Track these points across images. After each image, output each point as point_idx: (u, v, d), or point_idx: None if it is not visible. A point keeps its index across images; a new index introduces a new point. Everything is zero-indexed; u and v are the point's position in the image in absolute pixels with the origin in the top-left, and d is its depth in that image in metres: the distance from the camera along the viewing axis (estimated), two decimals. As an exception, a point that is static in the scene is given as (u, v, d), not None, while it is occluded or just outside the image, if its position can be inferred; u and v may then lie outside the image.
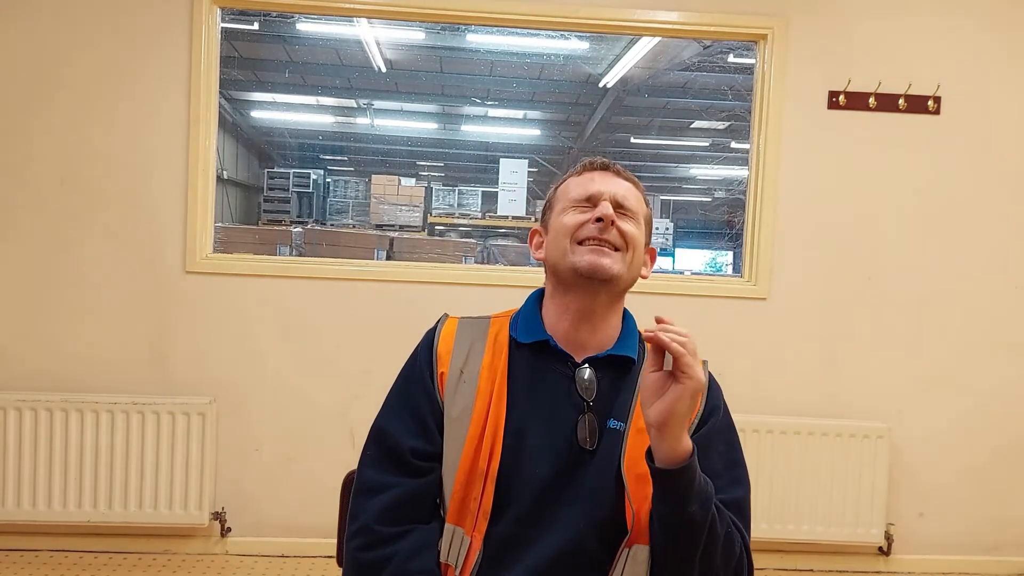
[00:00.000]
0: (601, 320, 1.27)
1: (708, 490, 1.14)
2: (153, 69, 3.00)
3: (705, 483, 1.14)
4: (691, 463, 1.11)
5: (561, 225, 1.28)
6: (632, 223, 1.28)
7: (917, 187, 3.16)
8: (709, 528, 1.14)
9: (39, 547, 3.02)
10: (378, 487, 1.23)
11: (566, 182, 1.35)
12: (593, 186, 1.29)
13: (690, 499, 1.11)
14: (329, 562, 2.98)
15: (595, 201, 1.27)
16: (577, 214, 1.27)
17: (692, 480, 1.11)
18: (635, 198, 1.31)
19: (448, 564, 1.20)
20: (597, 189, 1.28)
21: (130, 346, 3.05)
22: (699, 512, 1.12)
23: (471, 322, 1.33)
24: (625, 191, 1.30)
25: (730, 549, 1.18)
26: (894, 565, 3.21)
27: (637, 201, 1.31)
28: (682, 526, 1.13)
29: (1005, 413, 3.21)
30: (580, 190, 1.30)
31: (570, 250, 1.25)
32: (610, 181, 1.31)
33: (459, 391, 1.24)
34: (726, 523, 1.18)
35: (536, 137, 8.91)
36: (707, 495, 1.14)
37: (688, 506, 1.11)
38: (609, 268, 1.23)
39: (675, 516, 1.13)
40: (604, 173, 1.32)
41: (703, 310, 3.15)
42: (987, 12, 3.13)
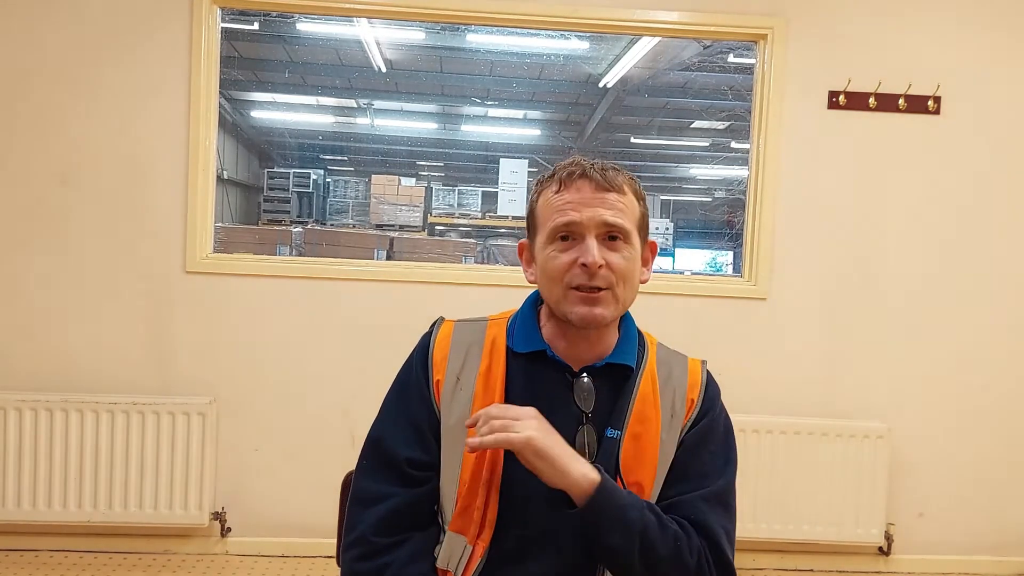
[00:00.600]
0: (598, 338, 1.25)
1: (628, 517, 1.12)
2: (153, 69, 3.00)
3: (628, 510, 1.13)
4: (593, 499, 1.11)
5: (547, 266, 1.20)
6: (623, 247, 1.20)
7: (917, 187, 3.16)
8: (642, 553, 1.12)
9: (39, 547, 3.02)
10: (374, 497, 1.22)
11: (546, 197, 1.23)
12: (573, 213, 1.18)
13: (605, 531, 1.12)
14: (329, 562, 2.98)
15: (577, 232, 1.18)
16: (559, 253, 1.19)
17: (599, 513, 1.11)
18: (625, 210, 1.21)
19: (447, 571, 1.20)
20: (578, 218, 1.18)
21: (130, 346, 3.05)
22: (621, 543, 1.12)
23: (467, 325, 1.30)
24: (611, 210, 1.19)
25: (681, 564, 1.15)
26: (894, 565, 3.21)
27: (629, 212, 1.21)
28: (607, 557, 1.15)
29: (1005, 413, 3.21)
30: (559, 217, 1.19)
31: (561, 297, 1.19)
32: (591, 200, 1.19)
33: (456, 399, 1.23)
34: (671, 539, 1.15)
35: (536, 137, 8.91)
36: (626, 523, 1.12)
37: (606, 538, 1.12)
38: (602, 317, 1.19)
39: (598, 548, 1.14)
40: (583, 186, 1.20)
41: (703, 310, 3.15)
42: (987, 12, 3.13)
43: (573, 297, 1.19)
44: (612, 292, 1.19)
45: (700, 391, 1.27)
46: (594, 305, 1.18)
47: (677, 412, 1.25)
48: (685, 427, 1.25)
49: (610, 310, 1.20)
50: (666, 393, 1.25)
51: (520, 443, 1.10)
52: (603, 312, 1.19)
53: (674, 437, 1.24)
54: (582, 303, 1.18)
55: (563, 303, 1.20)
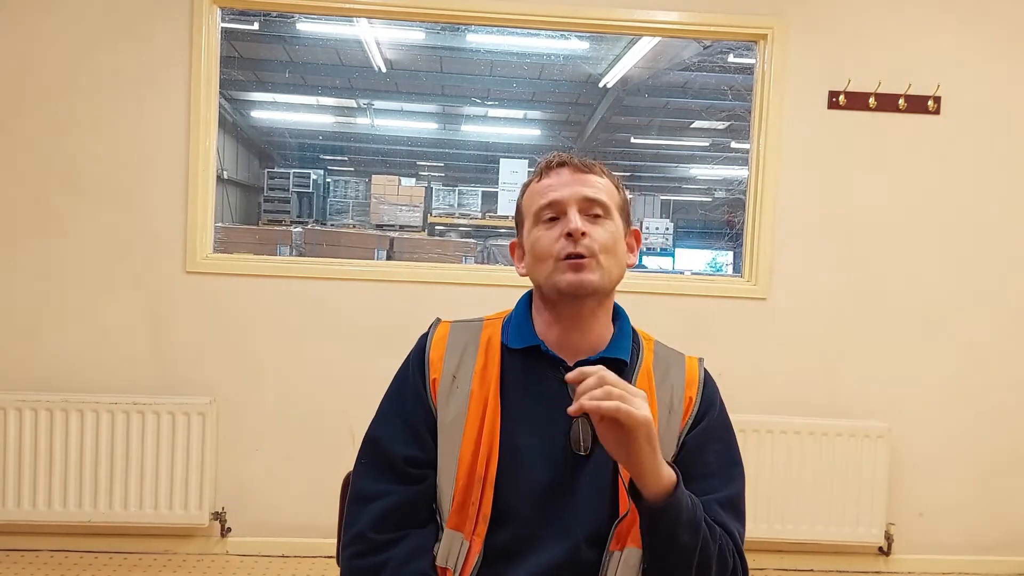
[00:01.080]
0: (590, 324, 1.26)
1: (696, 516, 1.14)
2: (153, 69, 3.00)
3: (694, 509, 1.14)
4: (676, 496, 1.11)
5: (534, 246, 1.25)
6: (605, 222, 1.24)
7: (917, 187, 3.16)
8: (701, 550, 1.14)
9: (39, 547, 3.02)
10: (372, 495, 1.23)
11: (529, 190, 1.30)
12: (553, 192, 1.24)
13: (679, 529, 1.11)
14: (329, 562, 2.98)
15: (559, 210, 1.23)
16: (545, 231, 1.23)
17: (679, 512, 1.11)
18: (604, 189, 1.26)
19: (446, 568, 1.20)
20: (558, 195, 1.24)
21: (130, 346, 3.05)
22: (689, 540, 1.12)
23: (463, 326, 1.31)
24: (590, 188, 1.25)
25: (723, 561, 1.18)
26: (894, 565, 3.21)
27: (608, 192, 1.26)
28: (673, 555, 1.14)
29: (1005, 413, 3.21)
30: (542, 199, 1.25)
31: (550, 270, 1.22)
32: (571, 181, 1.25)
33: (452, 397, 1.24)
34: (718, 537, 1.17)
35: (536, 137, 8.91)
36: (695, 522, 1.13)
37: (679, 537, 1.12)
38: (590, 282, 1.21)
39: (666, 546, 1.13)
40: (562, 171, 1.26)
41: (703, 310, 3.15)
42: (987, 12, 3.13)
43: (562, 267, 1.21)
44: (596, 260, 1.22)
45: (698, 389, 1.28)
46: (580, 271, 1.20)
47: (675, 409, 1.25)
48: (685, 426, 1.25)
49: (596, 276, 1.21)
50: (663, 390, 1.26)
51: (642, 420, 1.06)
52: (590, 277, 1.21)
53: (673, 435, 1.24)
54: (570, 270, 1.20)
55: (553, 275, 1.22)
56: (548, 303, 1.26)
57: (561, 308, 1.25)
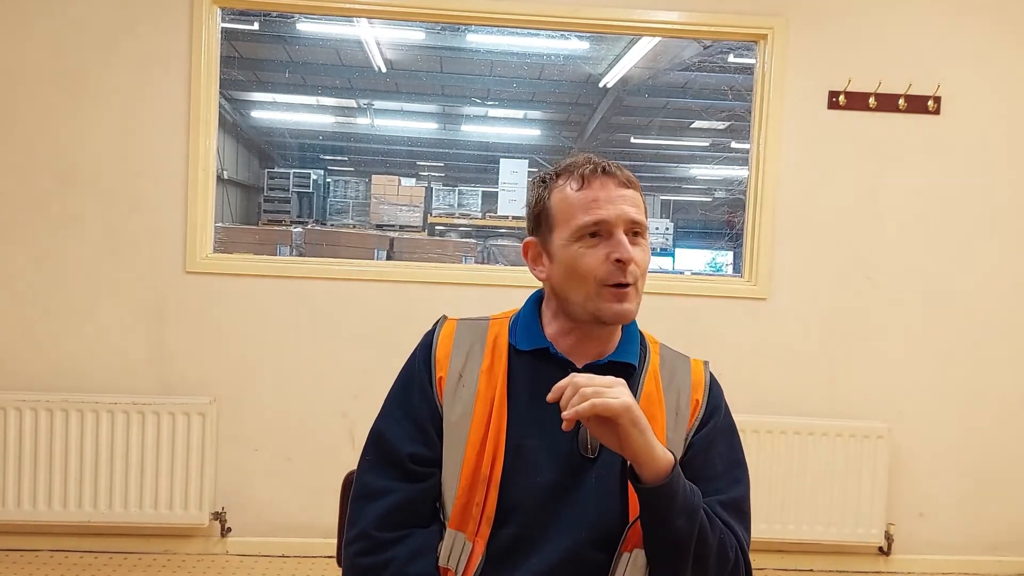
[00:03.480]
0: (609, 334, 1.26)
1: (694, 502, 1.14)
2: (153, 69, 3.00)
3: (691, 495, 1.14)
4: (672, 479, 1.11)
5: (575, 264, 1.20)
6: (643, 242, 1.23)
7: (917, 187, 3.16)
8: (698, 539, 1.14)
9: (39, 547, 3.02)
10: (377, 493, 1.22)
11: (565, 194, 1.23)
12: (600, 210, 1.19)
13: (674, 513, 1.12)
14: (329, 562, 2.98)
15: (607, 229, 1.19)
16: (588, 249, 1.19)
17: (674, 494, 1.12)
18: (640, 204, 1.24)
19: (448, 568, 1.20)
20: (607, 215, 1.19)
21: (130, 346, 3.05)
22: (685, 526, 1.13)
23: (470, 324, 1.31)
24: (633, 204, 1.22)
25: (723, 556, 1.18)
26: (894, 565, 3.21)
27: (642, 207, 1.24)
28: (669, 541, 1.14)
29: (1005, 413, 3.21)
30: (586, 215, 1.19)
31: (593, 294, 1.19)
32: (616, 197, 1.20)
33: (458, 396, 1.24)
34: (718, 530, 1.18)
35: (536, 137, 8.90)
36: (692, 507, 1.14)
37: (673, 521, 1.12)
38: (630, 312, 1.21)
39: (661, 530, 1.14)
40: (606, 182, 1.21)
41: (703, 310, 3.15)
42: (987, 12, 3.13)
43: (607, 294, 1.19)
44: (635, 287, 1.21)
45: (704, 391, 1.28)
46: (623, 301, 1.20)
47: (681, 412, 1.25)
48: (692, 428, 1.25)
49: (635, 305, 1.22)
50: (670, 393, 1.26)
51: (620, 408, 1.07)
52: (631, 307, 1.21)
53: (680, 437, 1.24)
54: (615, 300, 1.19)
55: (595, 300, 1.20)
56: (568, 316, 1.25)
57: (586, 327, 1.24)
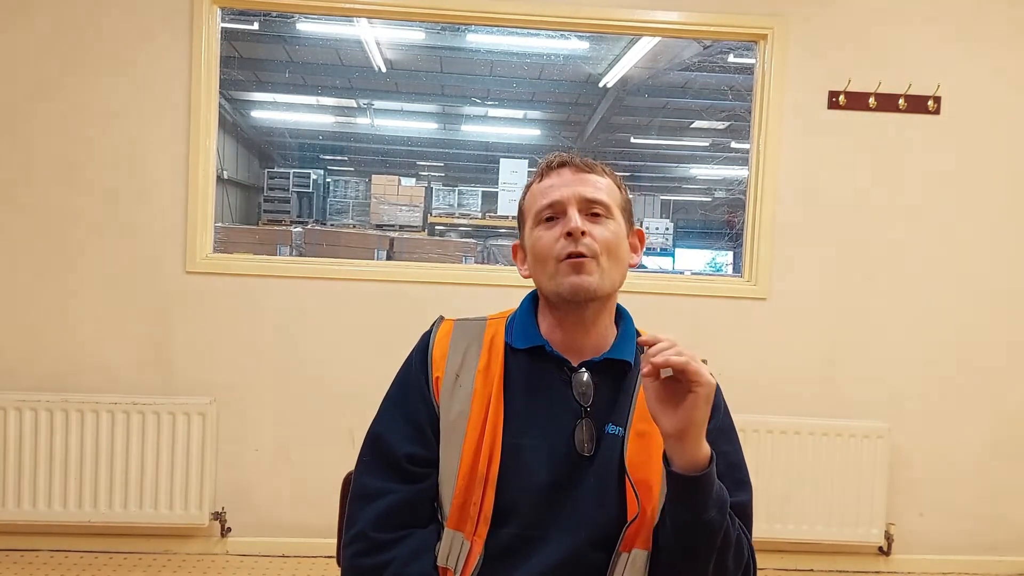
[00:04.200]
0: (594, 325, 1.26)
1: (724, 495, 1.14)
2: (153, 69, 3.00)
3: (721, 488, 1.14)
4: (712, 468, 1.11)
5: (535, 247, 1.25)
6: (606, 221, 1.24)
7: (917, 187, 3.16)
8: (725, 532, 1.14)
9: (39, 547, 3.02)
10: (374, 493, 1.22)
11: (531, 190, 1.29)
12: (554, 192, 1.24)
13: (708, 505, 1.11)
14: (329, 562, 2.98)
15: (559, 210, 1.23)
16: (545, 231, 1.23)
17: (711, 486, 1.11)
18: (605, 189, 1.26)
19: (447, 568, 1.20)
20: (559, 195, 1.23)
21: (130, 346, 3.05)
22: (717, 518, 1.12)
23: (466, 324, 1.31)
24: (591, 187, 1.24)
25: (740, 553, 1.19)
26: (894, 565, 3.21)
27: (609, 191, 1.26)
28: (699, 532, 1.13)
29: (1005, 413, 3.21)
30: (543, 200, 1.25)
31: (553, 271, 1.22)
32: (571, 180, 1.25)
33: (455, 395, 1.24)
34: (736, 526, 1.18)
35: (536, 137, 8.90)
36: (724, 500, 1.14)
37: (707, 512, 1.11)
38: (590, 285, 1.21)
39: (694, 522, 1.12)
40: (563, 172, 1.26)
41: (703, 310, 3.15)
42: (987, 12, 3.13)
43: (563, 268, 1.21)
44: (596, 261, 1.21)
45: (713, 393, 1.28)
46: (580, 272, 1.20)
47: None
48: None
49: (595, 278, 1.21)
50: None
51: (708, 382, 1.08)
52: (590, 279, 1.20)
53: None
54: (571, 272, 1.20)
55: (555, 277, 1.22)
56: (552, 306, 1.26)
57: (565, 311, 1.25)
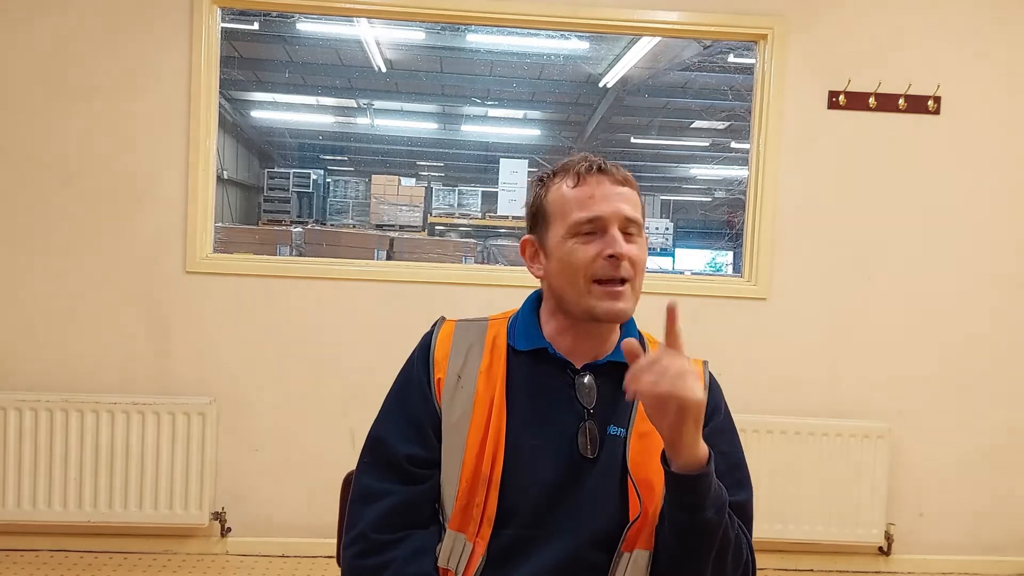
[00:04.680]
0: (607, 332, 1.26)
1: (723, 495, 1.14)
2: (153, 69, 3.00)
3: (720, 488, 1.14)
4: (709, 469, 1.10)
5: (568, 260, 1.20)
6: (639, 241, 1.22)
7: (917, 187, 3.16)
8: (723, 532, 1.14)
9: (39, 547, 3.02)
10: (375, 494, 1.22)
11: (561, 191, 1.23)
12: (595, 206, 1.20)
13: (706, 505, 1.11)
14: (329, 562, 2.98)
15: (600, 226, 1.19)
16: (582, 244, 1.19)
17: (709, 485, 1.11)
18: (636, 203, 1.24)
19: (448, 569, 1.20)
20: (601, 211, 1.19)
21: (130, 346, 3.05)
22: (715, 517, 1.12)
23: (468, 325, 1.31)
24: (628, 202, 1.22)
25: (739, 552, 1.18)
26: (894, 565, 3.21)
27: (638, 205, 1.24)
28: (697, 532, 1.13)
29: (1005, 413, 3.21)
30: (581, 211, 1.20)
31: (584, 291, 1.19)
32: (611, 194, 1.21)
33: (457, 397, 1.23)
34: (736, 526, 1.18)
35: (536, 137, 8.90)
36: (722, 500, 1.13)
37: (704, 512, 1.11)
38: (624, 311, 1.20)
39: (691, 522, 1.12)
40: (601, 180, 1.22)
41: (703, 310, 3.15)
42: (987, 12, 3.13)
43: (598, 292, 1.19)
44: (631, 284, 1.21)
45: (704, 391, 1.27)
46: (617, 299, 1.20)
47: None
48: None
49: (630, 304, 1.21)
50: None
51: (695, 405, 1.05)
52: (625, 306, 1.21)
53: None
54: (607, 298, 1.19)
55: (587, 297, 1.20)
56: (565, 314, 1.25)
57: (581, 324, 1.24)
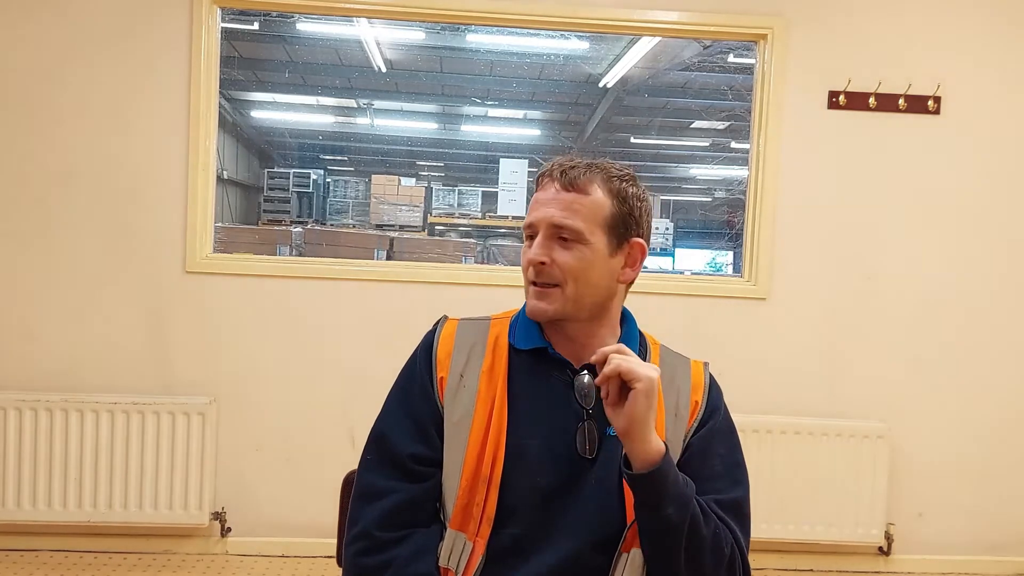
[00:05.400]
0: (589, 335, 1.26)
1: (686, 492, 1.14)
2: (153, 69, 3.00)
3: (683, 485, 1.14)
4: (662, 466, 1.11)
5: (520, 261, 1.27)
6: (575, 248, 1.20)
7: (917, 187, 3.16)
8: (690, 530, 1.13)
9: (39, 547, 3.02)
10: (378, 492, 1.22)
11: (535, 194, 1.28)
12: (534, 211, 1.24)
13: (664, 502, 1.11)
14: (329, 562, 2.98)
15: (534, 231, 1.23)
16: (527, 248, 1.25)
17: (664, 482, 1.11)
18: (581, 210, 1.20)
19: (448, 569, 1.20)
20: (534, 217, 1.23)
21: (130, 346, 3.05)
22: (675, 515, 1.12)
23: (470, 324, 1.31)
24: (564, 209, 1.20)
25: (719, 550, 1.17)
26: (894, 565, 3.21)
27: (585, 212, 1.20)
28: (659, 530, 1.13)
29: (1005, 413, 3.21)
30: (528, 215, 1.25)
31: (527, 291, 1.25)
32: (550, 200, 1.21)
33: (459, 396, 1.24)
34: (713, 524, 1.17)
35: (536, 137, 8.90)
36: (684, 497, 1.13)
37: (663, 509, 1.11)
38: (545, 311, 1.22)
39: (651, 520, 1.13)
40: (549, 185, 1.23)
41: (703, 310, 3.15)
42: (987, 12, 3.13)
43: (531, 291, 1.24)
44: (561, 289, 1.22)
45: (704, 393, 1.28)
46: (540, 299, 1.23)
47: (681, 413, 1.26)
48: (690, 429, 1.25)
49: (556, 306, 1.22)
50: (670, 394, 1.26)
51: (645, 377, 1.10)
52: (547, 307, 1.23)
53: (679, 438, 1.24)
54: (534, 297, 1.24)
55: (527, 295, 1.26)
56: None
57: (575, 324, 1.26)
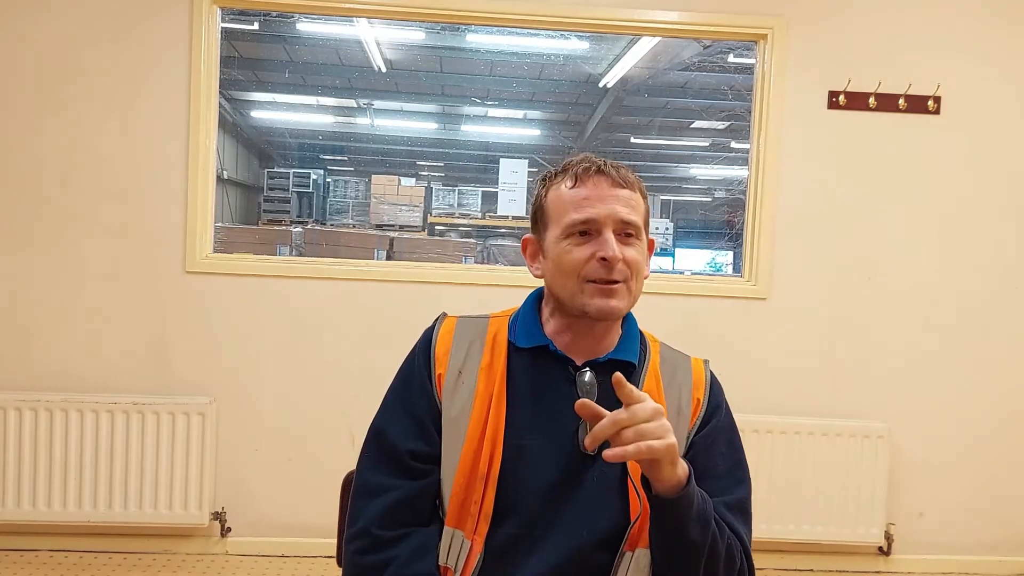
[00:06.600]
0: (603, 333, 1.26)
1: (707, 511, 1.14)
2: (153, 69, 3.00)
3: (704, 504, 1.13)
4: (688, 490, 1.10)
5: (561, 260, 1.21)
6: (636, 243, 1.21)
7: (917, 187, 3.16)
8: (710, 548, 1.13)
9: (39, 547, 3.02)
10: (377, 489, 1.22)
11: (559, 191, 1.23)
12: (590, 208, 1.19)
13: (688, 525, 1.11)
14: (329, 562, 2.98)
15: (594, 228, 1.19)
16: (575, 247, 1.20)
17: (690, 506, 1.11)
18: (636, 205, 1.22)
19: (447, 567, 1.20)
20: (595, 213, 1.19)
21: (130, 346, 3.05)
22: (699, 536, 1.12)
23: (469, 321, 1.31)
24: (626, 207, 1.21)
25: (731, 562, 1.18)
26: (894, 565, 3.21)
27: (639, 208, 1.23)
28: (681, 551, 1.13)
29: (1005, 413, 3.21)
30: (576, 213, 1.20)
31: (577, 290, 1.20)
32: (608, 196, 1.20)
33: (457, 392, 1.24)
34: (726, 536, 1.17)
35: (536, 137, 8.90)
36: (706, 517, 1.13)
37: (687, 532, 1.11)
38: (617, 309, 1.20)
39: (674, 542, 1.12)
40: (599, 181, 1.21)
41: (703, 310, 3.15)
42: (987, 12, 3.13)
43: (590, 289, 1.20)
44: (627, 285, 1.21)
45: (705, 390, 1.28)
46: (610, 297, 1.20)
47: (683, 411, 1.25)
48: (693, 427, 1.25)
49: (624, 302, 1.21)
50: (671, 392, 1.26)
51: (663, 451, 1.05)
52: (618, 304, 1.20)
53: (681, 436, 1.24)
54: (600, 295, 1.19)
55: (579, 296, 1.20)
56: (564, 313, 1.25)
57: (579, 323, 1.24)
